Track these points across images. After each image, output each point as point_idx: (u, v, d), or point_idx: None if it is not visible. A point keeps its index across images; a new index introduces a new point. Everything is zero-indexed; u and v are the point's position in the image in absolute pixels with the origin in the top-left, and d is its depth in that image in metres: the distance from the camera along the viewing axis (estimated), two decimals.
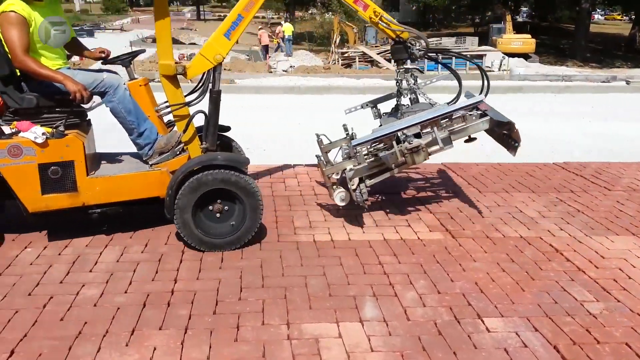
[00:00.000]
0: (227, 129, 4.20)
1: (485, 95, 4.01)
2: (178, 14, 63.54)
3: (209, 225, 3.42)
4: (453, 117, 3.86)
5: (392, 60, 4.68)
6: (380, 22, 3.84)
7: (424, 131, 3.70)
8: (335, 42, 21.80)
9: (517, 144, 3.72)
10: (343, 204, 3.80)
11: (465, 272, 3.23)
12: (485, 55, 20.61)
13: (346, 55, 21.08)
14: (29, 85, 3.38)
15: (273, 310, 2.79)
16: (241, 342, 2.51)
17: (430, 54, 4.17)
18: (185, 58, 20.79)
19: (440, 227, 3.89)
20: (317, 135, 3.94)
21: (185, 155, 3.61)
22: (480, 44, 25.07)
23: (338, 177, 3.87)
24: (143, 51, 4.23)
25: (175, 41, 33.50)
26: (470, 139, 3.96)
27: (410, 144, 3.56)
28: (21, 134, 3.21)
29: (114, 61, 3.87)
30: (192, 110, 3.62)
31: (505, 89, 11.99)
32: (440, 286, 3.05)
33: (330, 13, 37.59)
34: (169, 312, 2.75)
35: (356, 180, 3.73)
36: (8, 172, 3.21)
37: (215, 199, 3.39)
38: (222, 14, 61.45)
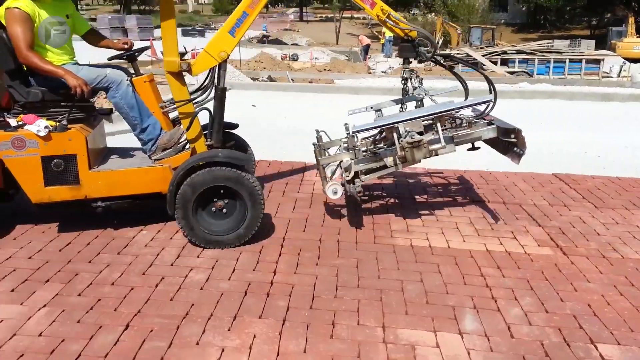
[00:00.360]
0: (235, 126, 4.20)
1: (493, 106, 3.88)
2: (282, 15, 65.54)
3: (210, 222, 3.43)
4: (461, 123, 3.87)
5: (401, 59, 4.25)
6: (387, 20, 3.76)
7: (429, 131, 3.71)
8: (437, 43, 21.32)
9: (522, 152, 3.61)
10: (335, 197, 3.74)
11: (577, 292, 2.99)
12: (603, 60, 19.10)
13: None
14: (35, 79, 3.47)
15: (368, 311, 2.77)
16: (336, 340, 2.53)
17: (436, 57, 4.09)
18: (288, 58, 21.38)
19: (550, 242, 3.65)
20: (317, 131, 3.98)
21: (187, 152, 3.64)
22: (597, 48, 23.25)
23: (333, 170, 3.93)
24: (148, 47, 4.22)
25: (279, 42, 34.70)
26: (473, 148, 3.87)
27: (412, 138, 3.53)
28: (26, 127, 3.32)
29: (120, 56, 3.92)
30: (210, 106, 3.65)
31: (625, 97, 11.00)
32: (548, 305, 2.85)
33: (433, 13, 36.83)
34: (268, 302, 2.83)
35: (352, 172, 3.73)
36: (12, 163, 3.33)
37: (216, 196, 3.40)
38: (324, 15, 62.50)
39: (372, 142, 3.98)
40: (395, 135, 3.60)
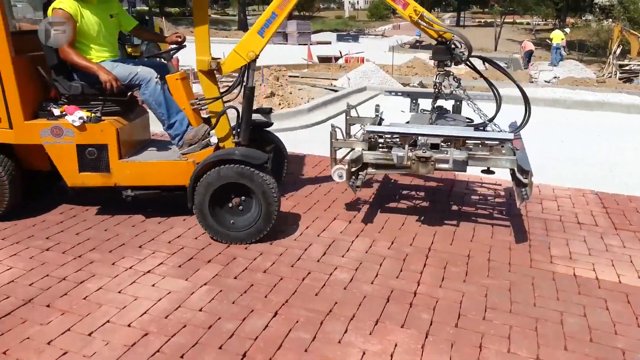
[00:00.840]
0: (269, 124, 4.27)
1: (522, 126, 3.86)
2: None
3: (226, 217, 3.50)
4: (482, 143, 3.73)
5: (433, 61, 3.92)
6: (420, 21, 3.56)
7: (443, 146, 3.61)
8: (614, 52, 19.13)
9: (526, 196, 3.38)
10: (340, 180, 3.76)
11: None
12: None
13: (627, 68, 18.33)
14: (77, 74, 3.68)
15: (521, 339, 2.56)
16: None
17: (471, 60, 3.77)
18: None
19: None
20: (332, 126, 3.98)
21: (211, 148, 3.69)
22: None
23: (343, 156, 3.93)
24: (184, 46, 4.03)
25: (432, 47, 33.93)
26: (488, 171, 3.75)
27: (423, 152, 3.49)
28: (65, 117, 3.58)
29: (158, 55, 4.16)
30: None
31: None
32: None
33: (609, 20, 33.20)
34: (411, 312, 2.77)
35: (360, 163, 3.70)
36: (51, 149, 3.63)
37: (233, 192, 3.45)
38: (482, 20, 59.91)
39: (391, 136, 3.83)
40: (407, 145, 3.60)
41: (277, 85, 9.10)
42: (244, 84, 3.68)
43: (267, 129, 4.39)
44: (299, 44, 28.05)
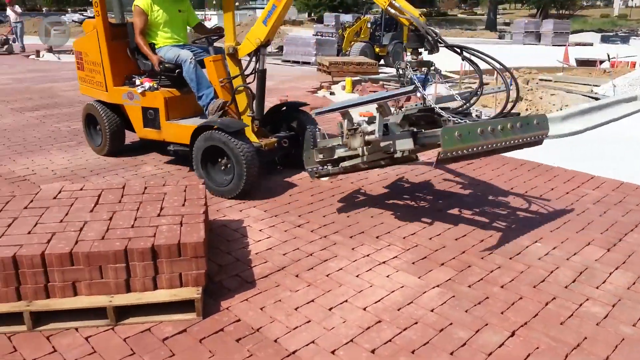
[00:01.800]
0: (302, 104, 5.07)
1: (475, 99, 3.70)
2: None
3: (215, 174, 4.36)
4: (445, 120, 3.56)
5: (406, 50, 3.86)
6: (390, 8, 3.57)
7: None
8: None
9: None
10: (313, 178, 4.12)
11: None
12: None
13: None
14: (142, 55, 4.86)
15: None
16: None
17: (447, 47, 3.53)
18: None
19: None
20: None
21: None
22: None
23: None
24: (223, 35, 4.79)
25: None
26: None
27: (352, 125, 3.51)
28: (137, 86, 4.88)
29: (199, 39, 5.10)
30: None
31: None
32: None
33: None
34: None
35: (329, 153, 3.89)
36: (127, 108, 5.03)
37: (220, 155, 4.25)
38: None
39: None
40: (345, 120, 3.55)
41: (526, 89, 8.50)
42: (257, 67, 4.50)
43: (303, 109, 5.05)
44: (554, 45, 25.67)
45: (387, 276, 3.11)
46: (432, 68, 3.74)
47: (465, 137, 3.10)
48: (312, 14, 51.41)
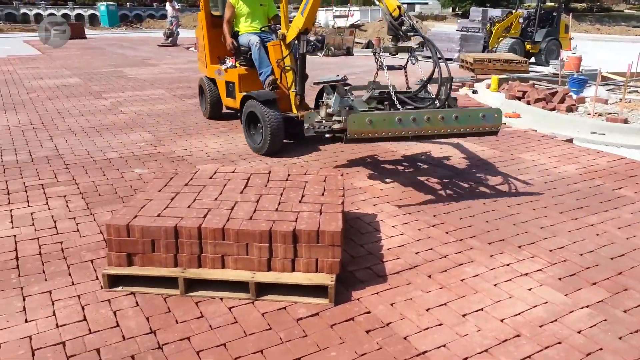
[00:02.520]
0: (342, 80, 5.60)
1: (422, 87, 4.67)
2: None
3: (255, 135, 5.48)
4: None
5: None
6: None
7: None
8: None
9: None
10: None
11: None
12: None
13: None
14: (235, 40, 6.06)
15: None
16: None
17: (416, 34, 4.30)
18: None
19: None
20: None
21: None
22: None
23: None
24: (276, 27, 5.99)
25: None
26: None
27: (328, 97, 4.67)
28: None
29: (264, 30, 6.12)
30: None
31: None
32: None
33: None
34: None
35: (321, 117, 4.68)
36: (218, 82, 6.44)
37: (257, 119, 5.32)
38: None
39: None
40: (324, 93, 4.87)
41: None
42: (300, 50, 5.31)
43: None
44: None
45: (529, 289, 2.91)
46: (410, 56, 4.58)
47: (378, 123, 3.72)
48: (457, 9, 49.69)
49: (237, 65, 6.13)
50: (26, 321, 2.55)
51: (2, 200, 4.14)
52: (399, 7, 4.22)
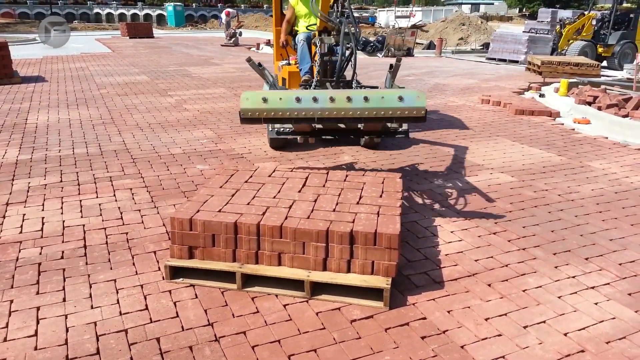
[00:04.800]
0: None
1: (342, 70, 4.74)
2: None
3: None
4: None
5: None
6: None
7: None
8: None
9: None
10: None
11: None
12: None
13: None
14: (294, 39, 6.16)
15: None
16: None
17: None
18: None
19: None
20: None
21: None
22: None
23: None
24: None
25: None
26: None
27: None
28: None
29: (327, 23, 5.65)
30: None
31: None
32: None
33: None
34: None
35: None
36: (278, 78, 6.72)
37: None
38: None
39: None
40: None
41: None
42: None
43: None
44: None
45: (596, 303, 2.76)
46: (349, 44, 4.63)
47: (274, 101, 3.33)
48: (524, 9, 48.01)
49: (292, 62, 6.36)
50: (92, 307, 2.68)
51: (72, 191, 4.37)
52: None
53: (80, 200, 4.16)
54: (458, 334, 2.49)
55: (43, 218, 3.80)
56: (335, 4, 4.90)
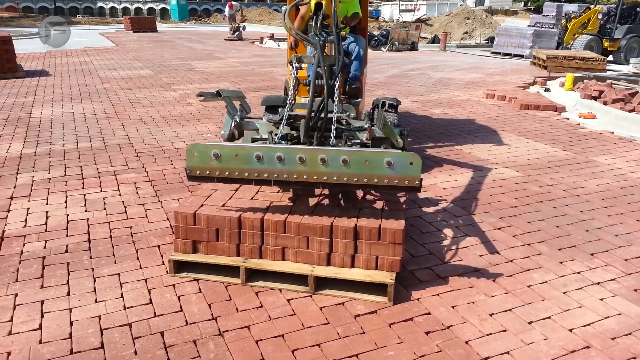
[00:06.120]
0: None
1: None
2: None
3: None
4: None
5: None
6: None
7: None
8: None
9: None
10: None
11: None
12: None
13: None
14: None
15: None
16: None
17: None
18: None
19: None
20: None
21: None
22: None
23: None
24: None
25: None
26: None
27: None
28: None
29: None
30: None
31: None
32: None
33: None
34: None
35: None
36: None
37: None
38: None
39: None
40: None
41: None
42: None
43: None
44: None
45: (601, 299, 2.74)
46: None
47: (228, 158, 2.70)
48: (529, 4, 47.72)
49: (304, 66, 6.23)
50: (96, 301, 2.68)
51: (76, 185, 4.38)
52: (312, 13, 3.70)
53: (84, 194, 4.16)
54: (462, 329, 2.48)
55: (47, 212, 3.80)
56: (315, 16, 3.80)
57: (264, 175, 2.70)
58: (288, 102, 3.43)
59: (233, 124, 3.52)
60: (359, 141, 3.31)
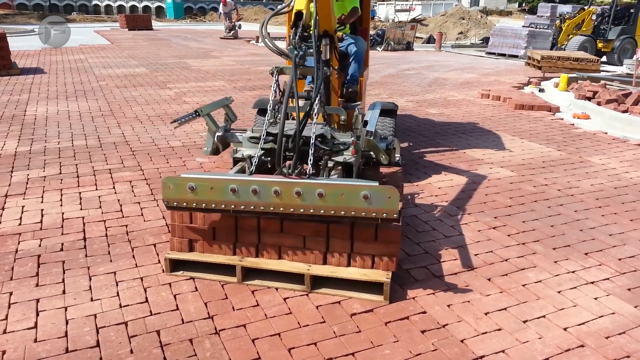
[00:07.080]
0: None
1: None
2: None
3: None
4: None
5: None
6: None
7: None
8: None
9: None
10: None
11: None
12: None
13: None
14: None
15: None
16: None
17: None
18: None
19: None
20: None
21: None
22: None
23: None
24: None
25: None
26: None
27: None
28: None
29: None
30: None
31: None
32: None
33: None
34: None
35: None
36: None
37: None
38: None
39: None
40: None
41: None
42: None
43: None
44: None
45: (595, 298, 2.76)
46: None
47: (203, 191, 2.64)
48: (524, 4, 47.90)
49: None
50: (92, 300, 2.68)
51: (72, 183, 4.36)
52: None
53: (80, 193, 4.15)
54: (458, 328, 2.50)
55: (42, 210, 3.79)
56: (294, 27, 3.43)
57: (241, 207, 2.65)
58: (267, 119, 3.12)
59: (216, 139, 3.40)
60: (341, 159, 3.13)
